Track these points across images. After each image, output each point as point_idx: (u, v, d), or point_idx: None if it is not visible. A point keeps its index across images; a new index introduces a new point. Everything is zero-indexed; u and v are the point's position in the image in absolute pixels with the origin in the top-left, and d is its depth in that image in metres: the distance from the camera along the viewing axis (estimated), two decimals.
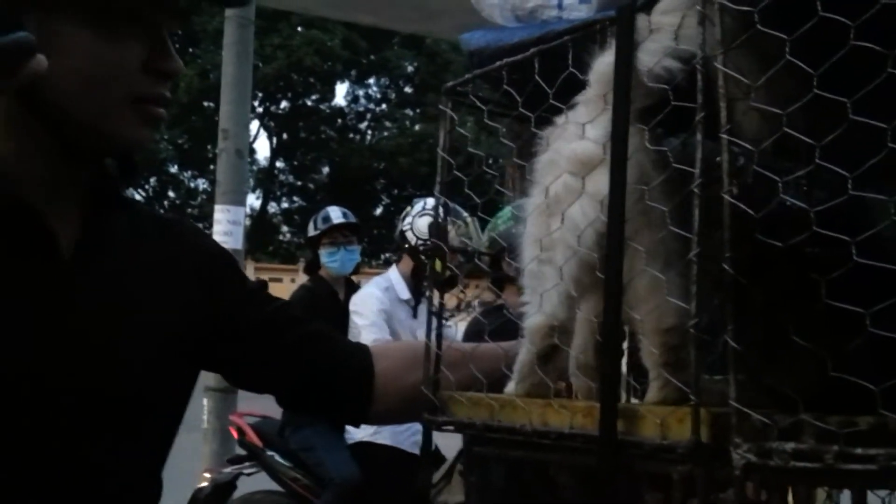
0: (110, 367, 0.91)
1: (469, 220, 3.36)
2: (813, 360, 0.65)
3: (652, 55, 0.83)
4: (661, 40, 0.82)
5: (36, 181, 0.89)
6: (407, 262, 3.53)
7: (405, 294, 3.46)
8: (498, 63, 1.01)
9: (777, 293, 0.70)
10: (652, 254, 0.83)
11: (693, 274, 0.73)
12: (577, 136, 0.89)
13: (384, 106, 32.88)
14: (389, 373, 1.09)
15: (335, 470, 3.40)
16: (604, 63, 0.88)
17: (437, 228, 1.08)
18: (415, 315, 3.46)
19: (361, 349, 1.13)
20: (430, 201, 3.59)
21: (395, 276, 3.51)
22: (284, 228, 33.16)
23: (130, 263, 0.97)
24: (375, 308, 3.33)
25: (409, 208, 3.63)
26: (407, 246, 3.52)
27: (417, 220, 3.50)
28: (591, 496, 0.79)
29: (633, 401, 1.08)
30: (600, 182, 0.84)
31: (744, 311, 0.69)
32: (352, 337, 3.22)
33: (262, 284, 1.11)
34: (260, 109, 29.61)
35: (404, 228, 3.55)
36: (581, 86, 0.91)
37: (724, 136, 0.72)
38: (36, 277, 0.88)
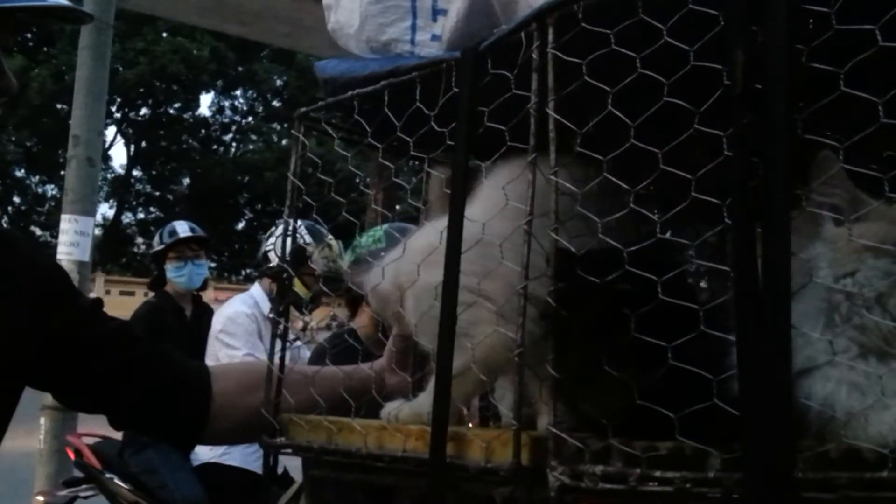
0: None
1: (334, 242, 3.35)
2: (622, 388, 0.71)
3: None
4: None
5: None
6: (270, 280, 3.49)
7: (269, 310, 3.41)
8: (350, 93, 1.04)
9: (592, 325, 0.75)
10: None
11: (520, 306, 0.77)
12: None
13: (251, 119, 32.27)
14: (228, 393, 1.09)
15: (178, 492, 3.29)
16: None
17: (283, 251, 1.08)
18: None
19: (200, 369, 1.11)
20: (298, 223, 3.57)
21: (258, 293, 3.46)
22: (139, 240, 31.82)
23: None
24: (248, 328, 3.26)
25: (273, 228, 3.60)
26: (268, 266, 3.48)
27: (279, 241, 3.47)
28: None
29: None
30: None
31: (563, 341, 0.74)
32: (224, 360, 3.14)
33: (97, 302, 1.08)
34: (118, 115, 28.41)
35: (267, 249, 3.51)
36: (426, 120, 0.94)
37: (553, 177, 0.77)
38: None
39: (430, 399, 0.93)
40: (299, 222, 3.60)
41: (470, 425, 1.00)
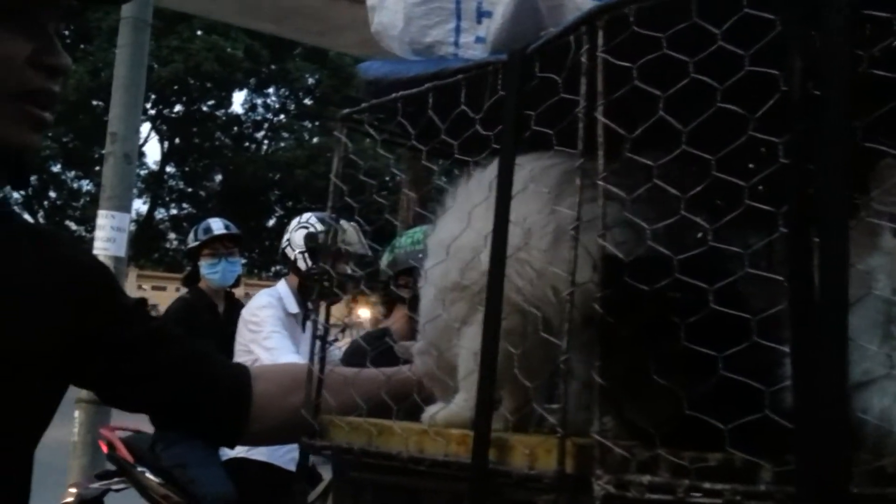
0: None
1: (349, 226, 3.34)
2: (670, 397, 0.70)
3: None
4: None
5: None
6: (294, 276, 3.51)
7: (293, 308, 3.43)
8: (394, 95, 1.04)
9: (641, 333, 0.74)
10: None
11: (567, 312, 0.77)
12: None
13: (283, 117, 32.48)
14: (268, 395, 1.09)
15: (208, 487, 3.32)
16: None
17: (325, 249, 1.09)
18: (303, 329, 3.43)
19: (240, 370, 1.12)
20: (307, 215, 3.59)
21: (283, 290, 3.48)
22: (171, 235, 32.16)
23: None
24: (275, 315, 3.29)
25: (289, 225, 3.62)
26: (288, 261, 3.51)
27: (294, 234, 3.50)
28: None
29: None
30: None
31: (610, 348, 0.73)
32: (252, 345, 3.16)
33: (141, 301, 1.09)
34: (152, 112, 28.73)
35: (283, 246, 3.54)
36: (471, 123, 0.94)
37: (601, 182, 0.76)
38: None
39: (463, 400, 0.93)
40: (309, 214, 3.61)
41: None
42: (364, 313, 3.57)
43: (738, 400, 0.66)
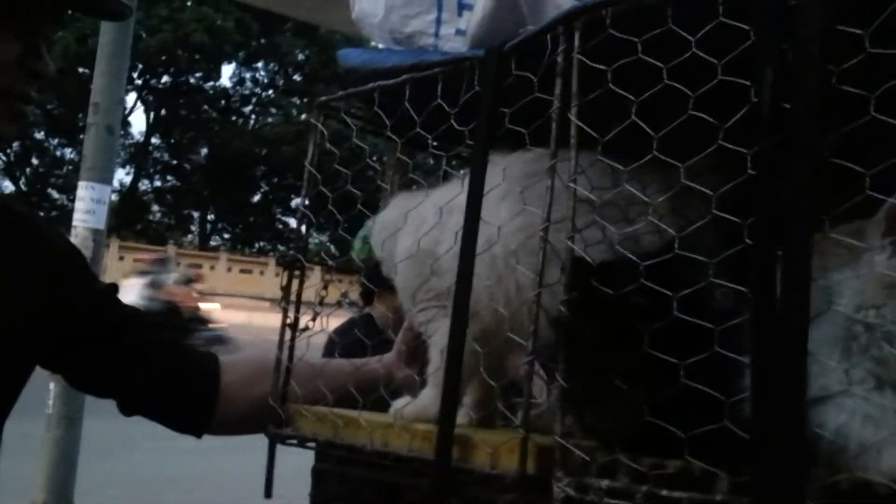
0: None
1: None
2: (632, 403, 0.70)
3: None
4: None
5: None
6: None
7: None
8: (371, 84, 1.03)
9: (605, 338, 0.74)
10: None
11: (533, 313, 0.77)
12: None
13: (271, 91, 32.26)
14: (236, 383, 1.09)
15: None
16: None
17: (298, 240, 1.08)
18: None
19: (210, 359, 1.12)
20: None
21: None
22: (155, 208, 31.98)
23: None
24: None
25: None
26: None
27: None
28: None
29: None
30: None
31: (574, 352, 0.74)
32: None
33: (112, 287, 1.08)
34: (139, 82, 28.46)
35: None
36: (447, 117, 0.93)
37: (571, 184, 0.76)
38: None
39: (430, 396, 0.93)
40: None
41: None
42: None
43: (699, 408, 0.67)
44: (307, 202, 1.10)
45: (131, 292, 11.15)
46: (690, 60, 0.70)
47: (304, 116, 29.84)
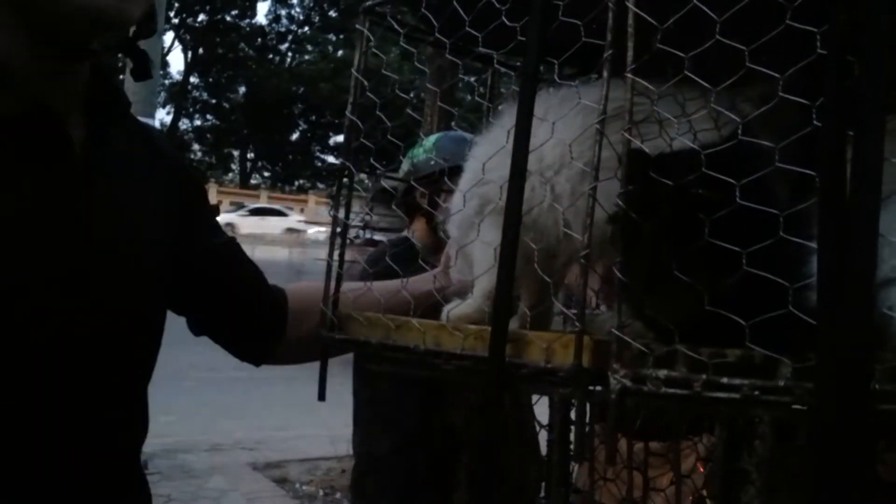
0: (137, 278, 0.92)
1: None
2: (691, 294, 0.69)
3: None
4: None
5: (47, 83, 0.85)
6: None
7: None
8: None
9: (664, 230, 0.72)
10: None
11: (589, 207, 0.75)
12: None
13: (307, 28, 32.00)
14: (298, 310, 1.12)
15: None
16: None
17: (347, 150, 1.07)
18: None
19: (280, 292, 1.15)
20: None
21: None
22: (195, 147, 32.21)
23: (128, 174, 0.95)
24: None
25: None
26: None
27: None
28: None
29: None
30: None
31: (632, 245, 0.72)
32: None
33: (216, 210, 1.11)
34: (176, 21, 28.39)
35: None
36: (497, 14, 0.91)
37: (629, 75, 0.74)
38: (54, 183, 0.85)
39: (477, 300, 0.93)
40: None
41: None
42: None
43: (761, 297, 0.65)
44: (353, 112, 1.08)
45: None
46: None
47: (340, 53, 29.60)
